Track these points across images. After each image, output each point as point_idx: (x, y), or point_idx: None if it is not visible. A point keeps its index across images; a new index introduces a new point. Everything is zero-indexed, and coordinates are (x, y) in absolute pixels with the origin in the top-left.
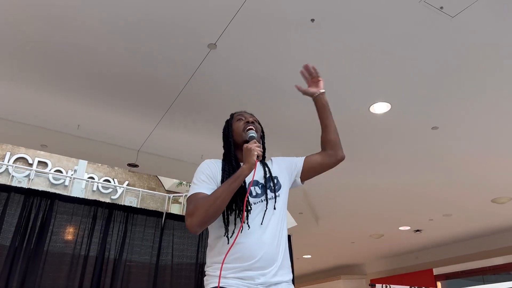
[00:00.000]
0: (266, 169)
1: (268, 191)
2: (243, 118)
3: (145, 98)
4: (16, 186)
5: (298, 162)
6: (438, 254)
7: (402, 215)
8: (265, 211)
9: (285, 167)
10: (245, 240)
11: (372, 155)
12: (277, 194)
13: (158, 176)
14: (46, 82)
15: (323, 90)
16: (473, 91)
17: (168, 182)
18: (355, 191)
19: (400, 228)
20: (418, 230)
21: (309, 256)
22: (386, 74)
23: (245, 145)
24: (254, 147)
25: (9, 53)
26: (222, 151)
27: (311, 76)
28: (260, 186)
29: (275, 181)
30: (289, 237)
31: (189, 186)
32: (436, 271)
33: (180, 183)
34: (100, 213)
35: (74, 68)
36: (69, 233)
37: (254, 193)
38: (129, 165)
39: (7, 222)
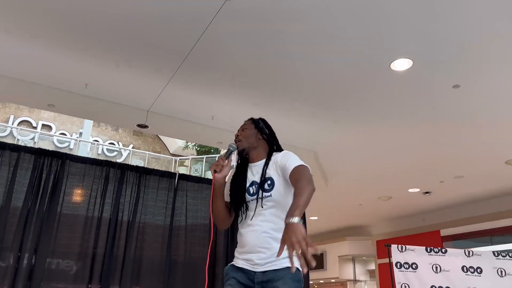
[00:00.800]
0: (265, 169)
1: (260, 190)
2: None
3: (155, 56)
4: (26, 146)
5: (287, 172)
6: (445, 216)
7: (413, 177)
8: (255, 208)
9: (280, 169)
10: (242, 231)
11: (388, 114)
12: (267, 194)
13: (162, 140)
14: (53, 40)
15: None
16: (497, 51)
17: (173, 146)
18: (367, 153)
19: (409, 190)
20: (427, 192)
21: (316, 218)
22: (409, 29)
23: None
24: (212, 164)
25: (16, 10)
26: (234, 113)
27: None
28: (255, 185)
29: (269, 181)
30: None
31: (196, 148)
32: (443, 233)
33: (186, 146)
34: (112, 174)
35: (82, 25)
36: (81, 194)
37: (251, 192)
38: (139, 125)
39: (19, 182)
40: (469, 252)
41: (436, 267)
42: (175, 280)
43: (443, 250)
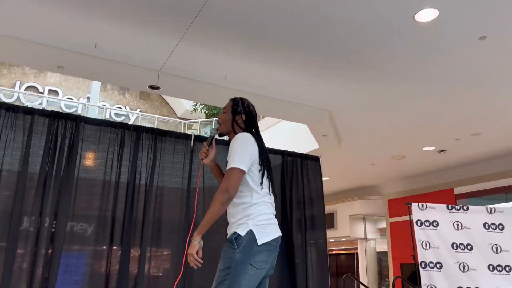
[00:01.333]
0: None
1: None
2: None
3: (166, 14)
4: (39, 109)
5: None
6: (459, 174)
7: (428, 135)
8: None
9: None
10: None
11: (408, 69)
12: None
13: (170, 104)
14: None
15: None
16: None
17: (180, 109)
18: (383, 111)
19: (424, 148)
20: (442, 151)
21: (327, 178)
22: None
23: None
24: (199, 153)
25: None
26: (247, 72)
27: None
28: None
29: None
30: (317, 158)
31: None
32: (456, 191)
33: (194, 109)
34: (128, 136)
35: None
36: (98, 158)
37: None
38: (151, 87)
39: (34, 145)
40: (491, 209)
41: (457, 225)
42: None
43: (464, 207)
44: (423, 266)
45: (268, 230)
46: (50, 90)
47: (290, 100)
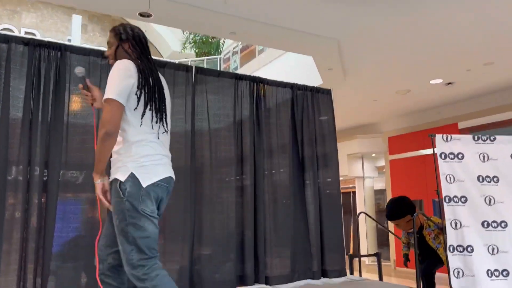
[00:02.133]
0: None
1: None
2: None
3: None
4: (16, 36)
5: None
6: (465, 108)
7: (437, 66)
8: None
9: None
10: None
11: None
12: None
13: (155, 45)
14: None
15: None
16: None
17: (166, 51)
18: (393, 41)
19: (431, 82)
20: (449, 83)
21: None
22: None
23: None
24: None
25: None
26: None
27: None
28: None
29: None
30: (329, 91)
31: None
32: (461, 125)
33: (183, 49)
34: None
35: None
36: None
37: None
38: (141, 14)
39: (15, 79)
40: None
41: (484, 156)
42: (203, 184)
43: (491, 138)
44: (447, 200)
45: (153, 171)
46: (26, 33)
47: (297, 29)
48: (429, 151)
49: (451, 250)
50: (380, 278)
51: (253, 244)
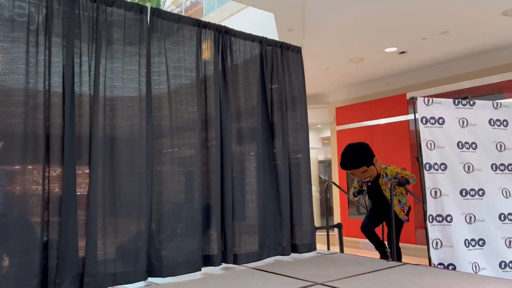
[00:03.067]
0: None
1: None
2: None
3: None
4: None
5: None
6: (414, 78)
7: (393, 34)
8: None
9: None
10: None
11: None
12: None
13: None
14: None
15: None
16: None
17: None
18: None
19: (386, 50)
20: (403, 52)
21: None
22: None
23: None
24: None
25: None
26: None
27: None
28: None
29: None
30: (299, 49)
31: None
32: (409, 96)
33: None
34: (50, 13)
35: None
36: (13, 60)
37: None
38: None
39: None
40: (497, 103)
41: (463, 121)
42: (162, 152)
43: (471, 102)
44: (427, 168)
45: None
46: None
47: None
48: (376, 122)
49: (430, 220)
50: (341, 251)
51: (219, 220)
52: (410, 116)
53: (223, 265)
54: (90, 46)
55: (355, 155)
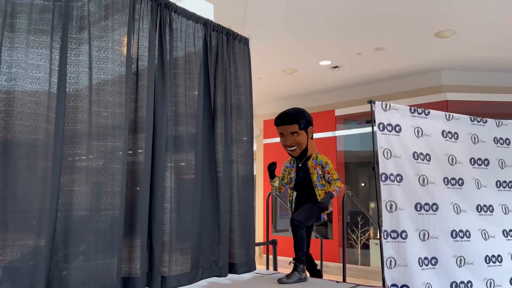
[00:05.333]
0: None
1: None
2: None
3: None
4: None
5: None
6: (346, 95)
7: (328, 46)
8: None
9: None
10: None
11: None
12: None
13: None
14: None
15: None
16: None
17: None
18: (292, 7)
19: (320, 62)
20: (336, 67)
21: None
22: None
23: None
24: None
25: None
26: None
27: None
28: None
29: None
30: (246, 40)
31: None
32: (338, 112)
33: None
34: None
35: None
36: None
37: None
38: None
39: None
40: (449, 115)
41: (418, 131)
42: (75, 159)
43: (426, 111)
44: (383, 178)
45: None
46: None
47: None
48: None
49: (385, 237)
50: (275, 269)
51: (145, 235)
52: (338, 133)
53: None
54: None
55: (292, 111)
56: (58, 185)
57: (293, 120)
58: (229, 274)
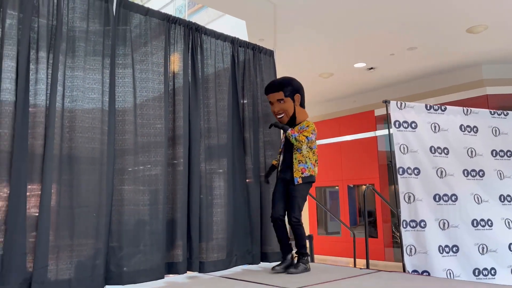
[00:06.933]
0: None
1: None
2: None
3: None
4: None
5: None
6: (384, 95)
7: (362, 49)
8: None
9: None
10: None
11: None
12: None
13: None
14: None
15: None
16: None
17: None
18: (322, 15)
19: (355, 65)
20: (371, 68)
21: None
22: None
23: None
24: None
25: None
26: None
27: None
28: None
29: None
30: (272, 52)
31: None
32: (377, 112)
33: None
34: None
35: None
36: None
37: None
38: None
39: None
40: (467, 110)
41: (435, 126)
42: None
43: (442, 107)
44: (400, 172)
45: None
46: None
47: None
48: (345, 138)
49: (404, 226)
50: (312, 261)
51: (186, 226)
52: (379, 133)
53: (188, 273)
54: (49, 46)
55: (279, 79)
56: (111, 185)
57: (278, 87)
58: (262, 262)
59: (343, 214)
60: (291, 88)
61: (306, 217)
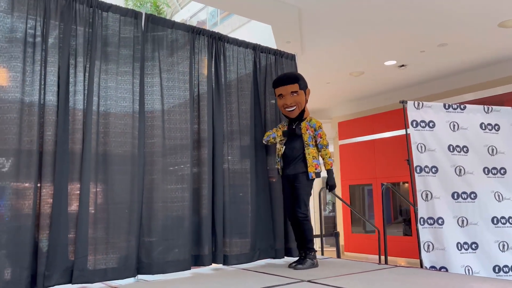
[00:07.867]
0: None
1: None
2: None
3: None
4: None
5: None
6: (416, 92)
7: (392, 47)
8: None
9: None
10: None
11: None
12: None
13: None
14: None
15: None
16: None
17: None
18: (349, 14)
19: (385, 63)
20: (402, 65)
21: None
22: None
23: None
24: None
25: None
26: None
27: None
28: None
29: None
30: (293, 56)
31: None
32: None
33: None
34: (47, 25)
35: None
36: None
37: None
38: None
39: None
40: (488, 108)
41: (454, 125)
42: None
43: (461, 106)
44: (418, 171)
45: None
46: None
47: None
48: (378, 136)
49: (422, 223)
50: (338, 257)
51: (210, 221)
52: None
53: (213, 265)
54: (85, 60)
55: (292, 73)
56: (142, 184)
57: (294, 79)
58: (286, 257)
59: (377, 212)
60: (304, 82)
61: (339, 216)
